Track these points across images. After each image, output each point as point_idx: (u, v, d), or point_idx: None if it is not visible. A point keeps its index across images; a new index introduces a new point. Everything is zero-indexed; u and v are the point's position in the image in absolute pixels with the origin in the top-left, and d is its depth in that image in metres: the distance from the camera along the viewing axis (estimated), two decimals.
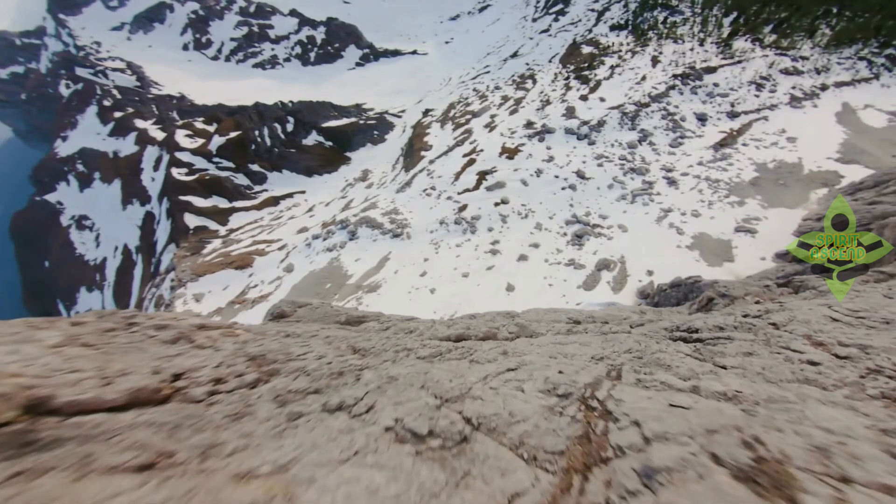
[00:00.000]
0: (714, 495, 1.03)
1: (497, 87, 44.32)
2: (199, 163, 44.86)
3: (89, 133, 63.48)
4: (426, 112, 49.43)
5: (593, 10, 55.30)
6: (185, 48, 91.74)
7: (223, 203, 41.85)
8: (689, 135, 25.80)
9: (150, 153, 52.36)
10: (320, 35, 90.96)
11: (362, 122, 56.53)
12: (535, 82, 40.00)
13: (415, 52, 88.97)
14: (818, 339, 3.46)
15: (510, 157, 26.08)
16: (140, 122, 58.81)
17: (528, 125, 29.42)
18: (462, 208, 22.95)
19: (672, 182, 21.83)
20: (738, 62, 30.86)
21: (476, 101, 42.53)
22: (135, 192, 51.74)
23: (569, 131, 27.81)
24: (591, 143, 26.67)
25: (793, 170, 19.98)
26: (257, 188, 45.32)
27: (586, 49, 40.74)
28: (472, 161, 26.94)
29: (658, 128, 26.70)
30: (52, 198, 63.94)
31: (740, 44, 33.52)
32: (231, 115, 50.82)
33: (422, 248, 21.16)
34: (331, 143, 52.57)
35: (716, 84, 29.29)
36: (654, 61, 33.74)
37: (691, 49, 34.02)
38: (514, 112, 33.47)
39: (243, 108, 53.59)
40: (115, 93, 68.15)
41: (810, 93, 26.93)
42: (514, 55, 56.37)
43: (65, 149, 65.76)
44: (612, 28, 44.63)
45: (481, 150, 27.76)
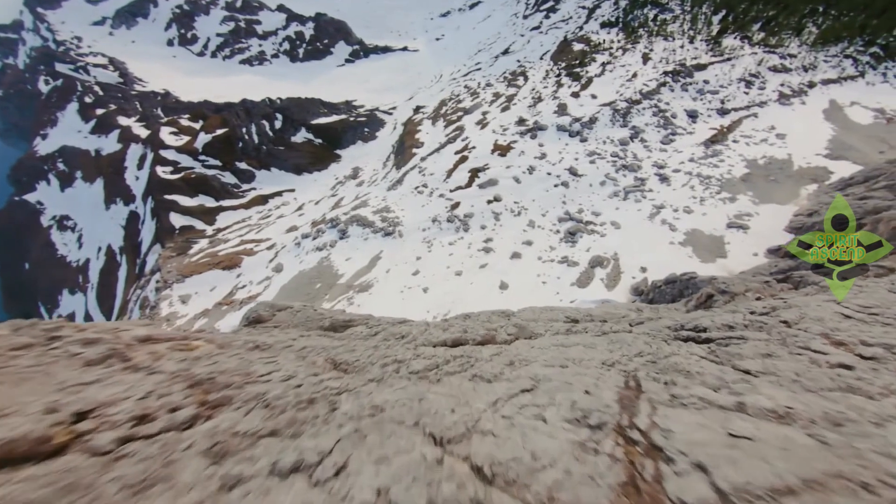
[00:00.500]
0: None
1: (489, 84, 44.08)
2: (185, 161, 43.78)
3: (70, 131, 61.64)
4: (417, 109, 48.98)
5: (584, 8, 55.34)
6: (170, 44, 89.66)
7: (210, 202, 40.92)
8: (680, 131, 25.87)
9: (134, 151, 50.99)
10: (309, 31, 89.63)
11: (352, 119, 55.82)
12: (526, 79, 39.85)
13: (405, 49, 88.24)
14: (837, 339, 3.26)
15: (502, 155, 25.87)
16: (123, 120, 57.25)
17: (520, 122, 29.25)
18: (454, 206, 22.67)
19: (664, 179, 21.82)
20: (728, 59, 31.07)
21: (468, 98, 42.23)
22: (118, 192, 50.37)
23: (561, 128, 27.69)
24: (584, 140, 26.58)
25: (783, 166, 20.10)
26: (245, 186, 44.41)
27: (577, 46, 40.72)
28: (464, 158, 26.67)
29: (649, 125, 26.73)
30: (31, 197, 61.95)
31: (729, 41, 33.77)
32: (217, 112, 49.73)
33: (414, 246, 20.84)
34: (320, 141, 51.78)
35: (706, 81, 29.44)
36: (645, 58, 33.82)
37: (681, 46, 34.17)
38: (505, 109, 33.26)
39: (230, 104, 52.53)
40: (96, 89, 66.27)
41: (798, 90, 27.21)
42: (506, 52, 56.16)
43: (44, 147, 63.74)
44: (603, 25, 44.67)
45: (473, 148, 27.50)
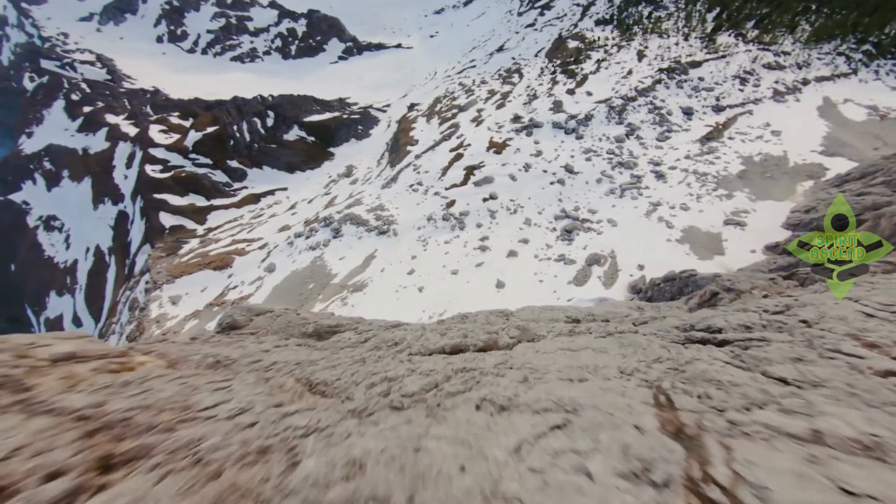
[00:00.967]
0: None
1: (483, 82, 43.77)
2: (175, 159, 42.99)
3: (56, 129, 60.29)
4: (412, 106, 48.55)
5: (578, 5, 55.20)
6: (160, 40, 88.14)
7: (200, 201, 40.22)
8: (675, 128, 25.79)
9: (123, 149, 50.02)
10: (301, 27, 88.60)
11: (346, 116, 55.22)
12: (521, 76, 39.61)
13: (399, 46, 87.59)
14: (868, 340, 3.02)
15: (498, 152, 25.62)
16: (111, 117, 56.14)
17: (516, 119, 29.01)
18: (450, 204, 22.39)
19: (660, 176, 21.71)
20: (722, 57, 31.08)
21: (462, 96, 41.91)
22: (106, 191, 49.38)
23: (556, 125, 27.49)
24: (579, 137, 26.41)
25: (779, 162, 20.07)
26: (236, 185, 43.72)
27: (572, 43, 40.55)
28: (459, 156, 26.37)
29: (645, 122, 26.63)
30: (17, 197, 60.48)
31: (724, 39, 33.80)
32: (208, 110, 48.90)
33: (409, 245, 20.54)
34: (313, 139, 51.14)
35: (701, 78, 29.40)
36: (640, 55, 33.73)
37: (676, 44, 34.14)
38: (500, 106, 33.00)
39: (221, 102, 51.71)
40: (83, 86, 64.90)
41: (792, 87, 27.26)
42: (500, 49, 55.87)
43: (30, 145, 62.27)
44: (598, 23, 44.55)
45: (468, 145, 27.22)
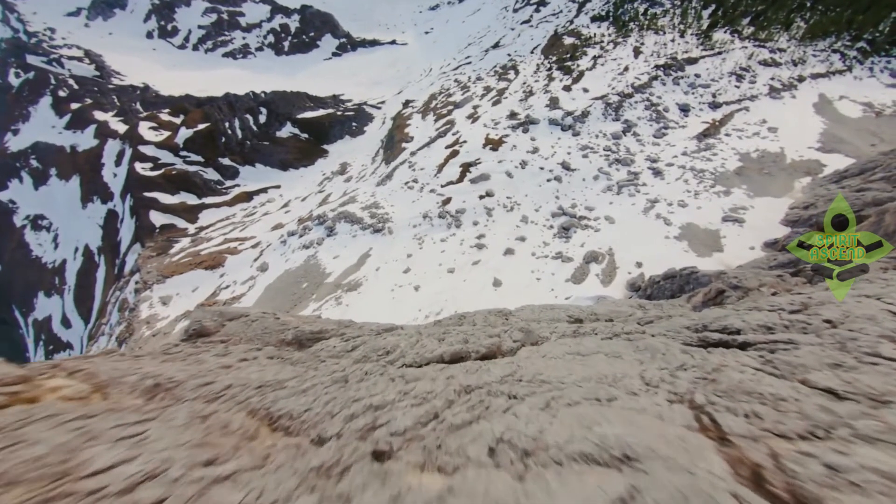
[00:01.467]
0: None
1: (479, 78, 43.42)
2: (165, 157, 42.23)
3: (43, 126, 58.98)
4: (407, 103, 48.07)
5: (574, 2, 54.97)
6: (150, 36, 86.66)
7: (192, 199, 39.54)
8: (672, 125, 25.66)
9: (112, 147, 49.06)
10: (294, 23, 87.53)
11: (340, 113, 54.60)
12: (517, 73, 39.30)
13: (394, 42, 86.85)
14: None
15: (494, 149, 25.32)
16: (100, 114, 55.02)
17: (512, 116, 28.71)
18: (446, 201, 22.08)
19: (657, 172, 21.56)
20: (719, 53, 30.99)
21: (458, 92, 41.53)
22: (95, 189, 48.42)
23: (553, 122, 27.25)
24: (576, 133, 26.19)
25: (776, 159, 19.98)
26: (228, 183, 43.04)
27: (568, 40, 40.29)
28: (455, 153, 26.05)
29: (642, 118, 26.47)
30: (3, 196, 59.09)
31: (720, 35, 33.72)
32: (199, 107, 48.10)
33: (405, 243, 20.22)
34: (307, 136, 50.50)
35: (697, 75, 29.29)
36: (636, 52, 33.55)
37: (672, 40, 34.00)
38: (497, 103, 32.68)
39: (212, 99, 50.86)
40: (71, 82, 63.59)
41: (788, 84, 27.23)
42: (496, 46, 55.50)
43: (16, 143, 60.85)
44: (594, 19, 44.32)
45: (464, 142, 26.89)
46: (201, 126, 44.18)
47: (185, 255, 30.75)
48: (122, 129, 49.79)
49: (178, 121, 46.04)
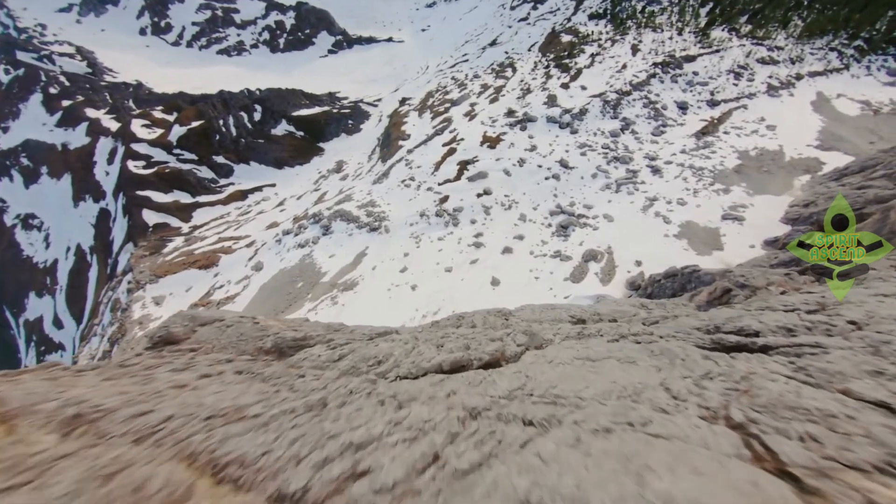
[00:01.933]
0: None
1: (476, 76, 43.14)
2: (158, 155, 41.65)
3: (34, 123, 58.06)
4: (403, 101, 47.72)
5: None
6: (143, 32, 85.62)
7: (185, 198, 39.02)
8: (670, 123, 25.53)
9: (104, 145, 48.35)
10: (290, 20, 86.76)
11: (336, 111, 54.12)
12: (514, 70, 39.07)
13: (390, 40, 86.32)
14: None
15: (492, 147, 25.09)
16: (91, 112, 54.24)
17: (510, 114, 28.49)
18: (443, 200, 21.83)
19: (656, 170, 21.41)
20: (717, 51, 30.90)
21: (455, 90, 41.24)
22: (87, 188, 47.71)
23: (551, 120, 27.05)
24: (574, 131, 26.01)
25: (775, 157, 19.88)
26: (223, 181, 42.52)
27: (566, 38, 40.10)
28: (452, 150, 25.79)
29: (640, 116, 26.33)
30: None
31: (717, 33, 33.65)
32: (193, 104, 47.48)
33: (401, 242, 19.96)
34: (302, 133, 49.99)
35: (695, 73, 29.18)
36: (634, 50, 33.41)
37: (670, 38, 33.88)
38: (494, 100, 32.45)
39: (206, 96, 50.23)
40: (62, 79, 62.65)
41: (786, 82, 27.18)
42: (493, 43, 55.21)
43: (6, 141, 59.84)
44: (591, 17, 44.16)
45: (462, 139, 26.64)
46: (195, 123, 43.61)
47: (179, 255, 30.31)
48: (114, 126, 49.08)
49: (171, 118, 45.44)
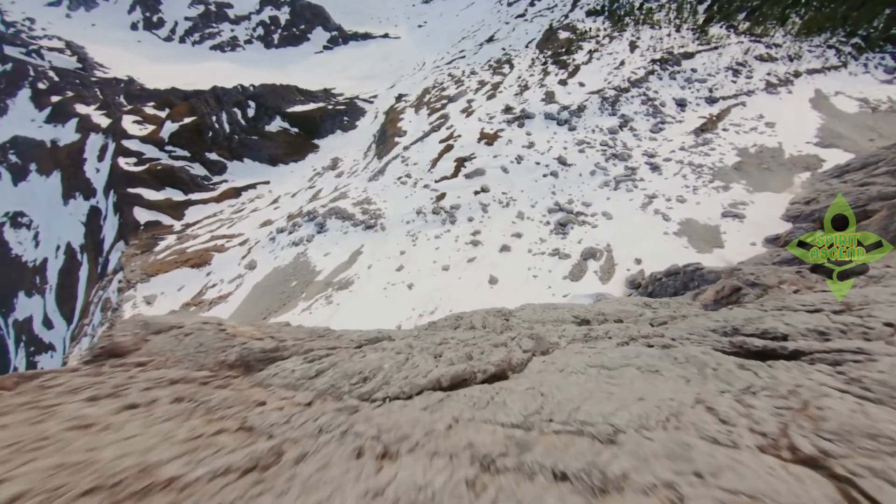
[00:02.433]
0: None
1: (473, 72, 42.75)
2: (150, 151, 40.92)
3: (22, 119, 56.93)
4: (399, 97, 47.23)
5: None
6: (134, 27, 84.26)
7: (178, 195, 38.38)
8: (669, 120, 25.35)
9: (94, 141, 47.48)
10: (284, 16, 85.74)
11: (331, 107, 53.52)
12: (512, 67, 38.73)
13: (386, 36, 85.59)
14: None
15: (489, 143, 24.78)
16: (81, 108, 53.27)
17: (507, 110, 28.17)
18: (440, 197, 21.51)
19: (655, 168, 21.23)
20: (715, 48, 30.74)
21: (452, 86, 40.84)
22: (77, 185, 46.84)
23: (549, 116, 26.77)
24: (572, 128, 25.76)
25: (774, 154, 19.75)
26: (216, 179, 41.86)
27: (563, 34, 39.79)
28: (449, 147, 25.44)
29: (638, 113, 26.13)
30: None
31: (716, 30, 33.50)
32: (185, 100, 46.69)
33: (398, 240, 19.63)
34: (297, 130, 49.36)
35: (693, 70, 29.01)
36: (632, 46, 33.18)
37: (668, 35, 33.69)
38: (491, 97, 32.10)
39: (199, 92, 49.41)
40: (51, 75, 61.42)
41: (784, 79, 27.07)
42: (490, 40, 54.81)
43: None
44: (589, 13, 43.90)
45: (459, 136, 26.29)
46: (187, 120, 42.88)
47: (171, 253, 29.76)
48: (104, 122, 48.22)
49: (163, 114, 44.66)
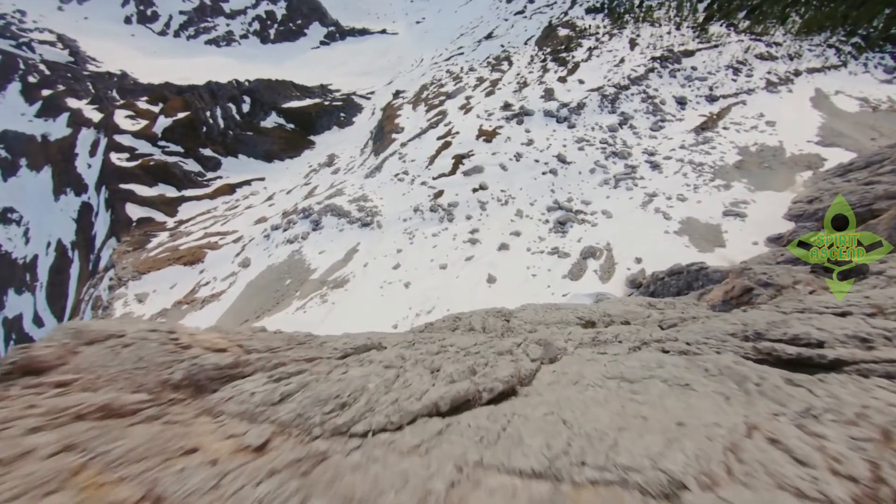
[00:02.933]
0: None
1: (472, 69, 42.35)
2: (143, 147, 40.22)
3: (12, 113, 55.87)
4: (397, 93, 46.77)
5: None
6: (128, 21, 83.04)
7: (171, 191, 37.77)
8: (669, 118, 25.13)
9: (86, 136, 46.66)
10: (280, 10, 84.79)
11: (328, 103, 52.94)
12: (511, 64, 38.38)
13: (384, 32, 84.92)
14: None
15: (488, 140, 24.45)
16: (73, 102, 52.35)
17: (506, 107, 27.83)
18: (438, 194, 21.16)
19: (655, 166, 20.99)
20: (715, 46, 30.53)
21: (450, 83, 40.43)
22: (69, 181, 46.05)
23: (548, 114, 26.47)
24: (572, 126, 25.47)
25: (775, 153, 19.56)
26: (210, 175, 41.26)
27: (563, 31, 39.46)
28: (447, 144, 25.08)
29: (638, 111, 25.88)
30: None
31: (716, 28, 33.30)
32: (179, 94, 45.95)
33: (394, 238, 19.29)
34: (293, 126, 48.77)
35: (694, 68, 28.78)
36: (632, 44, 32.90)
37: (668, 33, 33.45)
38: (490, 94, 31.75)
39: (193, 86, 48.67)
40: (42, 68, 60.34)
41: (785, 78, 26.91)
42: (489, 36, 54.39)
43: None
44: (588, 11, 43.57)
45: (457, 133, 25.94)
46: (181, 115, 42.20)
47: (163, 250, 29.23)
48: (96, 117, 47.38)
49: (156, 109, 43.91)
